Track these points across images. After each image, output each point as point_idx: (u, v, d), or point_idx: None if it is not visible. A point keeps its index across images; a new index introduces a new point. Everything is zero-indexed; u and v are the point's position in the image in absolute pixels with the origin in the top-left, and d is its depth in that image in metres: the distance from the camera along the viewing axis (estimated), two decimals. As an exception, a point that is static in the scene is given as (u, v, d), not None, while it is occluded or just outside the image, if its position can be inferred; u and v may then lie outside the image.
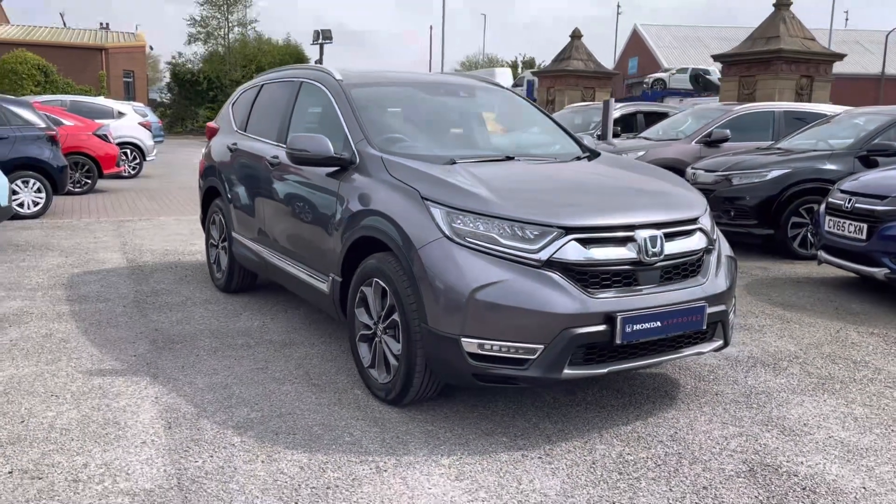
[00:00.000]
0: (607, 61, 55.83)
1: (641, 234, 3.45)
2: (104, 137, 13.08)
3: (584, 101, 18.52)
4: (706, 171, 8.74)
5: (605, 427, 3.59)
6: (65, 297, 5.82)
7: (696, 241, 3.70)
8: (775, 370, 4.45)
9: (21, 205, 9.97)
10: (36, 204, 10.09)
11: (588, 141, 5.03)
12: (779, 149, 8.96)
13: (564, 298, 3.27)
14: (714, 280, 3.71)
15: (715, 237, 3.90)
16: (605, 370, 3.39)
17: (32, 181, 10.03)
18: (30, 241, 8.26)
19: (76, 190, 12.72)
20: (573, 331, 3.26)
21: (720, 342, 3.78)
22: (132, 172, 16.11)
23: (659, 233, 3.50)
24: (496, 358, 3.30)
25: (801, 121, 10.34)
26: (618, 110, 13.97)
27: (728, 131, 10.21)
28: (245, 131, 5.70)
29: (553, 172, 4.15)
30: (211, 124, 6.54)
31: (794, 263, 7.77)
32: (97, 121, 13.91)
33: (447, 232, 3.41)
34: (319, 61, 33.41)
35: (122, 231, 9.11)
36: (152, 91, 51.19)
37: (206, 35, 40.98)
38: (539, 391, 3.98)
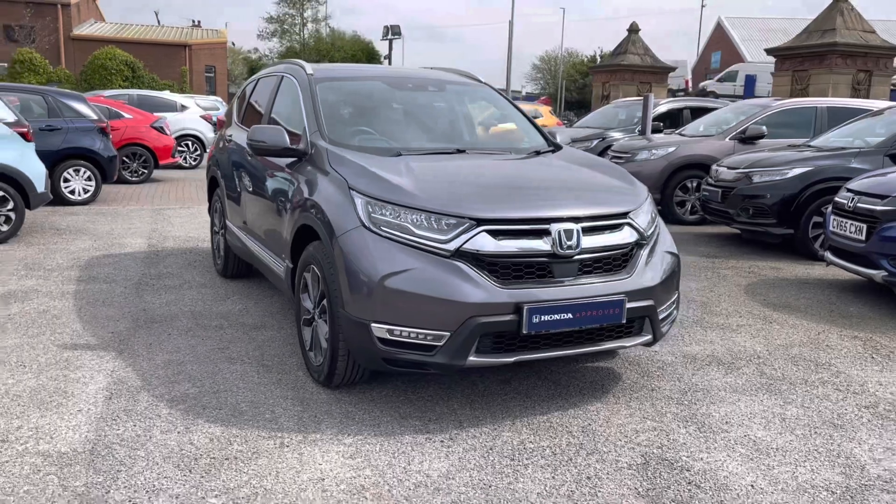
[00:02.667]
0: (691, 56, 54.39)
1: (556, 228, 3.49)
2: (161, 129, 13.72)
3: (641, 96, 18.18)
4: (728, 168, 8.55)
5: (522, 416, 3.65)
6: (75, 278, 6.24)
7: (622, 236, 3.71)
8: (728, 369, 4.38)
9: (72, 192, 10.63)
10: (86, 192, 10.72)
11: (559, 137, 5.07)
12: (810, 146, 8.65)
13: (471, 288, 3.35)
14: (641, 275, 3.71)
15: (650, 232, 3.88)
16: (513, 359, 3.45)
17: (83, 170, 10.66)
18: (70, 226, 8.82)
19: (133, 179, 13.41)
20: (478, 319, 3.34)
21: (648, 337, 3.78)
22: (192, 163, 16.81)
23: (576, 227, 3.53)
24: (405, 343, 3.41)
25: (846, 117, 9.94)
26: (664, 105, 13.75)
27: (764, 128, 9.93)
28: (241, 123, 5.97)
29: (492, 166, 4.21)
30: (220, 116, 6.85)
31: (813, 265, 7.51)
32: (156, 114, 14.59)
33: (365, 221, 3.54)
34: (388, 56, 33.94)
35: (157, 218, 9.60)
36: (233, 86, 52.99)
37: (282, 32, 42.17)
38: (475, 378, 4.06)
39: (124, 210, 10.30)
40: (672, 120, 13.50)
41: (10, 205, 7.61)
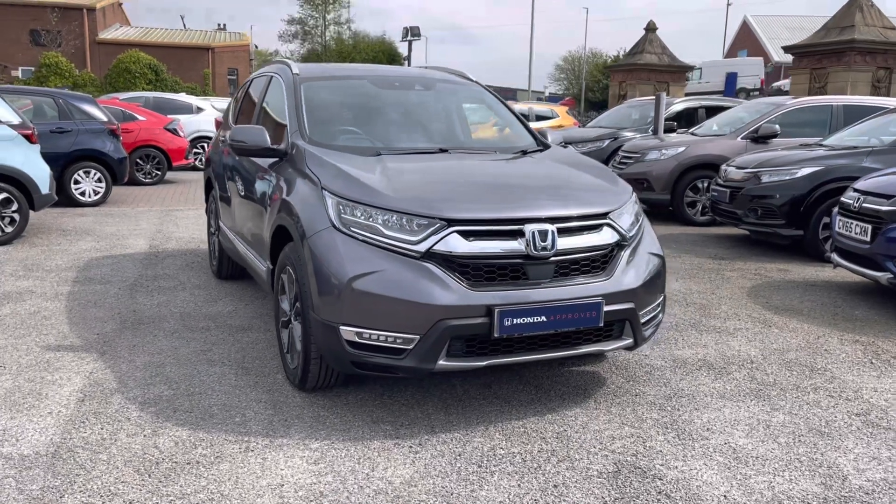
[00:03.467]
0: (716, 55, 53.68)
1: (530, 228, 3.40)
2: (174, 131, 13.81)
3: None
4: (737, 167, 8.38)
5: (497, 421, 3.56)
6: (72, 279, 6.25)
7: (602, 237, 3.60)
8: (718, 374, 4.26)
9: (82, 193, 10.71)
10: (96, 193, 10.81)
11: (552, 137, 4.97)
12: (822, 145, 8.45)
13: (441, 290, 3.27)
14: (621, 277, 3.60)
15: (633, 234, 3.77)
16: (484, 363, 3.37)
17: (93, 171, 10.74)
18: (77, 227, 8.88)
19: (146, 181, 13.50)
20: (448, 322, 3.26)
21: (629, 341, 3.67)
22: (208, 165, 16.91)
23: (551, 227, 3.44)
24: (374, 347, 3.34)
25: (863, 115, 9.70)
26: (679, 104, 13.56)
27: (777, 126, 9.74)
28: (235, 124, 5.94)
29: (471, 166, 4.12)
30: (218, 117, 6.85)
31: (823, 267, 7.31)
32: (171, 116, 14.69)
33: (336, 222, 3.48)
34: (408, 58, 33.94)
35: (164, 220, 9.64)
36: (257, 88, 53.24)
37: (304, 34, 42.39)
38: (455, 383, 3.98)
39: (133, 211, 10.36)
40: (687, 119, 13.30)
41: (14, 206, 7.68)
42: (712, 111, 13.16)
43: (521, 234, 3.40)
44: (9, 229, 7.68)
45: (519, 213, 3.45)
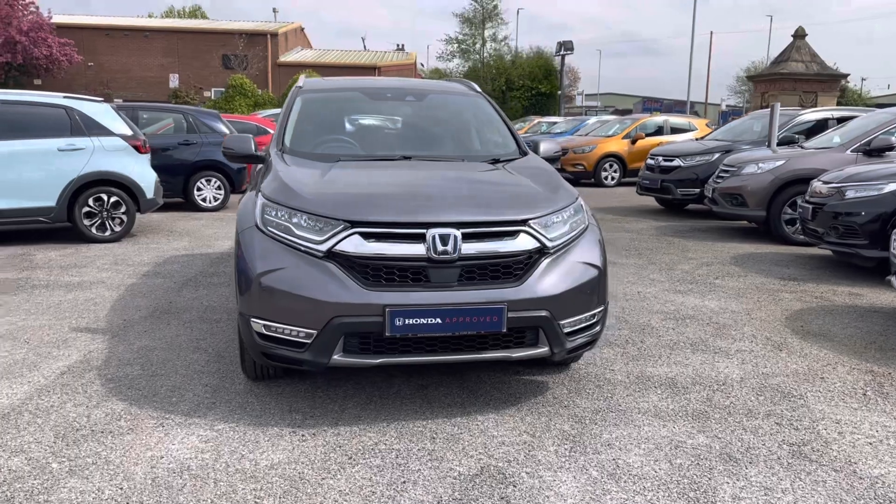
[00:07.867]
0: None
1: (432, 233, 3.48)
2: (302, 144, 14.79)
3: (804, 106, 16.74)
4: (824, 182, 7.73)
5: (405, 420, 3.65)
6: (142, 273, 7.00)
7: (516, 244, 3.59)
8: (673, 394, 4.05)
9: (204, 199, 11.81)
10: (216, 199, 11.87)
11: (544, 147, 4.95)
12: (931, 158, 7.61)
13: (337, 288, 3.43)
14: (535, 284, 3.56)
15: (559, 242, 3.71)
16: (378, 361, 3.48)
17: (214, 180, 11.81)
18: (183, 229, 9.84)
19: (275, 190, 14.57)
20: (342, 319, 3.41)
21: (544, 349, 3.62)
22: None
23: (455, 232, 3.48)
24: (279, 339, 3.56)
25: None
26: (810, 114, 12.61)
27: (893, 138, 8.84)
28: (277, 135, 6.41)
29: (411, 173, 4.18)
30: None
31: (907, 292, 6.59)
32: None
33: (258, 221, 3.74)
34: (560, 72, 33.85)
35: (263, 225, 10.40)
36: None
37: (461, 52, 43.57)
38: (394, 381, 4.10)
39: (243, 217, 11.27)
40: (819, 131, 12.32)
41: (123, 209, 8.68)
42: (843, 122, 12.11)
43: (423, 237, 3.49)
44: (118, 229, 8.69)
45: (421, 217, 3.53)
